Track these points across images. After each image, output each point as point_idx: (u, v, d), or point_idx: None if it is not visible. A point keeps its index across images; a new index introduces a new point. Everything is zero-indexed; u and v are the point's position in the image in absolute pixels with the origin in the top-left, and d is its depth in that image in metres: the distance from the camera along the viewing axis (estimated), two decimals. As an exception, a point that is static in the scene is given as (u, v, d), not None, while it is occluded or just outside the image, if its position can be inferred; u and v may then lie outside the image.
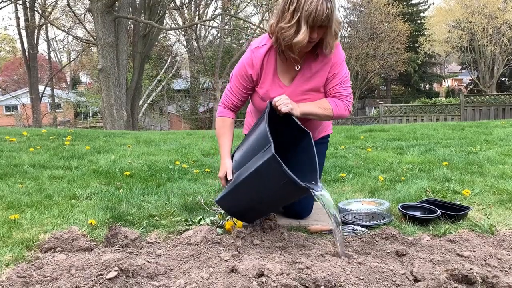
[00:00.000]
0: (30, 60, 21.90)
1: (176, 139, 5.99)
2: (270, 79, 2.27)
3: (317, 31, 2.02)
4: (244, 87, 2.31)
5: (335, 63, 2.25)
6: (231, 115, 2.38)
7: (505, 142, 5.07)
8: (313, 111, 2.22)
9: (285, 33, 2.02)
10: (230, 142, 2.33)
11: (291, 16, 1.98)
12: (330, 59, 2.23)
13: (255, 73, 2.25)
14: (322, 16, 1.94)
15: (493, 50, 25.35)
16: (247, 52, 2.29)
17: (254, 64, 2.24)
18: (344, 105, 2.31)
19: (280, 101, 2.09)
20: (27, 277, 1.71)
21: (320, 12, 1.93)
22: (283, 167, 1.84)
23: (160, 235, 2.29)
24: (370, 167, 3.91)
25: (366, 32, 26.29)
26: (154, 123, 32.27)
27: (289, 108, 2.09)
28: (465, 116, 16.65)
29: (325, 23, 1.99)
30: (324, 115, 2.26)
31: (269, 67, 2.25)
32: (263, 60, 2.23)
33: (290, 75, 2.28)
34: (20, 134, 5.66)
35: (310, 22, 1.96)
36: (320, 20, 1.96)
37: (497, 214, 2.56)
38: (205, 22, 20.17)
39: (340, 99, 2.30)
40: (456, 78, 44.23)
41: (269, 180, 1.96)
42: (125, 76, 12.96)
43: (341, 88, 2.30)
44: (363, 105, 32.76)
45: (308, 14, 1.94)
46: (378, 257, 1.95)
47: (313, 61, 2.24)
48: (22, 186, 3.08)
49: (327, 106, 2.26)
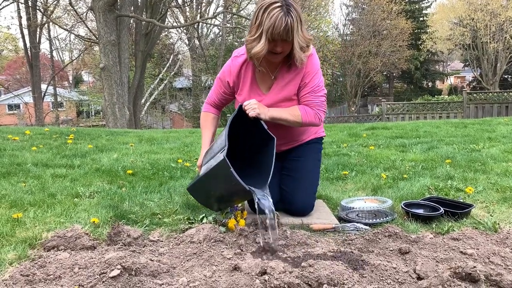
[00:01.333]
0: (32, 59, 21.93)
1: (179, 138, 5.99)
2: (248, 87, 2.44)
3: (280, 45, 2.18)
4: (223, 91, 2.54)
5: (307, 73, 2.38)
6: (214, 111, 2.63)
7: (508, 140, 5.05)
8: (282, 117, 2.34)
9: (249, 44, 2.22)
10: (210, 134, 2.57)
11: (255, 30, 2.17)
12: (302, 69, 2.37)
13: (231, 80, 2.46)
14: (279, 29, 2.09)
15: (496, 47, 25.26)
16: (228, 61, 2.50)
17: (232, 71, 2.44)
18: (314, 113, 2.41)
19: (248, 106, 2.24)
20: (30, 276, 1.72)
21: (278, 26, 2.09)
22: (231, 170, 1.99)
23: (163, 233, 2.29)
24: (372, 165, 3.91)
25: (368, 29, 26.24)
26: (156, 122, 32.31)
27: (256, 113, 2.23)
28: (468, 114, 16.58)
29: (284, 37, 2.13)
30: (293, 121, 2.38)
31: (247, 75, 2.43)
32: (241, 68, 2.43)
33: (267, 84, 2.45)
34: (22, 133, 5.67)
35: (269, 36, 2.13)
36: (278, 34, 2.11)
37: (500, 211, 2.55)
38: (207, 20, 20.13)
39: (311, 107, 2.41)
40: (459, 75, 44.14)
41: (222, 179, 2.14)
42: (127, 75, 12.98)
43: (311, 97, 2.40)
44: (365, 103, 32.71)
45: (267, 28, 2.11)
46: (381, 255, 1.94)
47: (286, 71, 2.40)
48: (25, 185, 3.09)
49: (297, 113, 2.38)
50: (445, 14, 28.30)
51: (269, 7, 2.11)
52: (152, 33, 17.04)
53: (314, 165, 2.65)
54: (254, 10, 2.25)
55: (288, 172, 2.60)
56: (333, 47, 24.10)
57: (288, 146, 2.63)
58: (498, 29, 24.74)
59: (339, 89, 29.97)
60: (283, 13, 2.09)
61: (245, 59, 2.39)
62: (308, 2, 23.81)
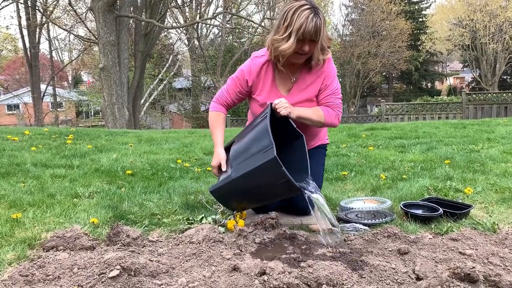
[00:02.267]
0: (31, 59, 21.93)
1: (178, 138, 5.99)
2: (268, 88, 2.49)
3: (308, 44, 2.28)
4: (239, 90, 2.55)
5: (327, 75, 2.49)
6: (224, 110, 2.62)
7: (507, 140, 5.06)
8: (307, 116, 2.41)
9: (277, 43, 2.30)
10: (222, 134, 2.56)
11: (284, 30, 2.27)
12: (323, 72, 2.48)
13: (251, 80, 2.49)
14: (310, 30, 2.22)
15: (495, 48, 25.28)
16: (248, 61, 2.55)
17: (252, 71, 2.49)
18: (335, 114, 2.51)
19: (280, 104, 2.28)
20: (29, 276, 1.72)
21: (308, 26, 2.21)
22: (283, 169, 1.98)
23: (162, 233, 2.29)
24: (372, 165, 3.91)
25: (368, 30, 26.27)
26: (156, 122, 32.29)
27: (287, 111, 2.28)
28: (467, 114, 16.60)
29: (313, 37, 2.25)
30: (317, 120, 2.45)
31: (267, 77, 2.49)
32: (261, 69, 2.48)
33: (287, 86, 2.52)
34: (22, 133, 5.66)
35: (300, 35, 2.23)
36: (308, 34, 2.23)
37: (499, 212, 2.55)
38: (206, 20, 20.15)
39: (332, 108, 2.51)
40: (458, 76, 44.17)
41: (267, 179, 2.11)
42: (127, 75, 12.98)
43: (332, 98, 2.51)
44: (364, 103, 32.73)
45: (298, 27, 2.22)
46: (380, 256, 1.95)
47: (307, 73, 2.49)
48: (24, 185, 3.09)
49: (320, 113, 2.46)
50: (444, 15, 28.32)
51: (299, 9, 2.23)
52: (151, 34, 17.04)
53: (318, 168, 2.67)
54: (282, 12, 2.34)
55: None
56: (332, 47, 24.08)
57: None
58: (497, 30, 24.76)
59: (339, 90, 29.95)
60: (313, 14, 2.22)
61: (266, 60, 2.46)
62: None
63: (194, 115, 28.14)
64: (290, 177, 1.99)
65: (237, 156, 2.26)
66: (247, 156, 2.18)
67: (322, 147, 2.80)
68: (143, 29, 16.51)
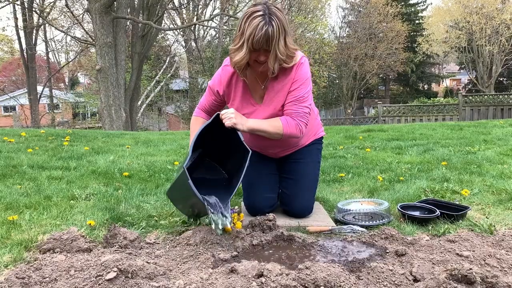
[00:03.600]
0: (28, 61, 21.85)
1: (175, 140, 5.98)
2: (240, 97, 2.40)
3: (263, 54, 2.14)
4: (213, 99, 2.50)
5: (295, 81, 2.32)
6: (204, 116, 2.57)
7: (504, 142, 5.07)
8: (262, 128, 2.28)
9: (232, 54, 2.20)
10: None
11: (238, 39, 2.15)
12: (291, 78, 2.32)
13: (221, 90, 2.42)
14: (260, 39, 2.07)
15: (491, 50, 25.38)
16: (219, 69, 2.45)
17: (222, 81, 2.41)
18: (295, 124, 2.32)
19: (225, 115, 2.18)
20: (26, 278, 1.71)
21: (258, 35, 2.06)
22: (189, 182, 1.97)
23: (159, 235, 2.28)
24: (369, 167, 3.91)
25: (365, 32, 26.31)
26: (153, 124, 32.22)
27: (232, 122, 2.16)
28: (463, 116, 16.67)
29: (265, 46, 2.10)
30: (274, 132, 2.30)
31: (238, 85, 2.39)
32: (231, 78, 2.39)
33: (260, 94, 2.40)
34: (18, 134, 5.64)
35: (250, 45, 2.10)
36: (259, 43, 2.09)
37: (496, 213, 2.56)
38: (203, 22, 20.14)
39: (293, 117, 2.33)
40: (455, 78, 44.27)
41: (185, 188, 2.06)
42: (124, 77, 12.94)
43: (294, 106, 2.33)
44: (361, 105, 32.76)
45: (248, 37, 2.08)
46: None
47: (275, 80, 2.34)
48: (20, 187, 3.08)
49: (278, 124, 2.31)
50: (441, 17, 28.42)
51: (251, 16, 2.10)
52: (148, 35, 17.01)
53: (314, 167, 2.65)
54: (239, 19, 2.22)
55: (288, 175, 2.59)
56: (329, 49, 24.12)
57: (287, 152, 2.60)
58: (494, 32, 24.85)
59: (336, 92, 30.02)
60: (264, 22, 2.06)
61: None
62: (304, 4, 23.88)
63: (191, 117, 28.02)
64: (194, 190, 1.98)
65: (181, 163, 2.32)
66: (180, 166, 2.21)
67: (317, 141, 2.69)
68: (140, 30, 16.48)
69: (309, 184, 2.58)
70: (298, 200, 2.51)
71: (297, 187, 2.53)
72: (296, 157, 2.61)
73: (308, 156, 2.62)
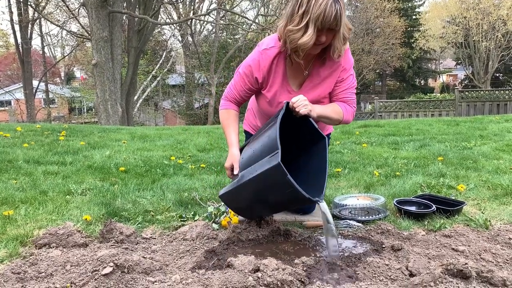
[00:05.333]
0: (23, 55, 21.70)
1: (172, 135, 5.97)
2: (279, 83, 2.21)
3: (325, 34, 1.98)
4: (248, 88, 2.25)
5: (344, 68, 2.21)
6: (235, 107, 2.32)
7: (500, 138, 5.09)
8: (327, 114, 2.16)
9: (293, 35, 1.97)
10: (236, 132, 2.26)
11: (300, 19, 1.94)
12: (339, 65, 2.19)
13: (261, 76, 2.19)
14: (330, 18, 1.90)
15: (487, 45, 25.43)
16: (255, 53, 2.20)
17: (262, 66, 2.17)
18: (352, 111, 2.27)
19: (299, 102, 2.00)
20: (21, 273, 1.71)
21: (328, 14, 1.89)
22: (288, 178, 1.76)
23: (156, 230, 2.28)
24: (365, 162, 3.92)
25: (362, 27, 26.26)
26: (149, 119, 32.14)
27: (307, 110, 2.00)
28: (459, 112, 16.72)
29: (333, 26, 1.94)
30: (336, 118, 2.21)
31: (278, 70, 2.19)
32: (272, 62, 2.17)
33: (299, 81, 2.23)
34: (14, 129, 5.62)
35: (319, 25, 1.92)
36: (328, 23, 1.92)
37: (491, 209, 2.57)
38: (200, 16, 20.05)
39: (349, 104, 2.26)
40: (451, 73, 44.38)
41: (273, 186, 1.89)
42: (120, 71, 12.89)
43: (349, 93, 2.25)
44: (358, 100, 32.75)
45: (317, 16, 1.90)
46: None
47: (321, 66, 2.19)
48: (16, 182, 3.06)
49: (339, 110, 2.21)
50: (438, 13, 28.43)
51: None
52: (145, 30, 16.93)
53: None
54: None
55: None
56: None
57: None
58: (490, 28, 24.89)
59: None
60: (332, 1, 1.91)
61: (277, 52, 2.14)
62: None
63: (187, 112, 28.06)
64: (297, 186, 1.76)
65: (246, 161, 2.06)
66: (256, 160, 1.96)
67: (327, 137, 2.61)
68: (136, 25, 16.40)
69: None
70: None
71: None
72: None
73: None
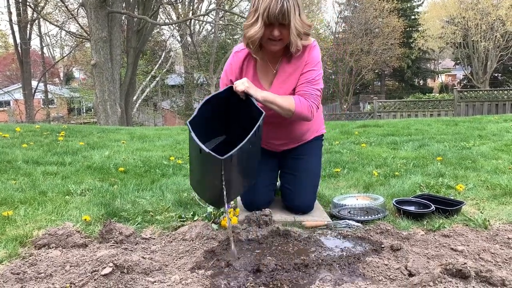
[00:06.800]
0: (22, 56, 21.71)
1: (171, 135, 5.97)
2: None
3: (278, 29, 2.13)
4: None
5: (308, 63, 2.31)
6: None
7: (498, 137, 5.10)
8: (275, 100, 2.20)
9: (246, 29, 2.18)
10: None
11: (252, 15, 2.14)
12: (303, 60, 2.31)
13: (234, 77, 2.38)
14: (275, 12, 2.06)
15: (486, 45, 25.45)
16: (230, 57, 2.44)
17: (234, 69, 2.39)
18: (308, 105, 2.28)
19: (238, 82, 2.13)
20: (21, 274, 1.70)
21: (273, 8, 2.05)
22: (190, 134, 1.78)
23: (155, 231, 2.28)
24: (364, 162, 3.92)
25: (361, 27, 26.28)
26: (148, 119, 32.13)
27: (244, 86, 2.10)
28: (458, 112, 16.73)
29: (281, 20, 2.09)
30: (287, 108, 2.23)
31: (248, 71, 2.38)
32: (242, 64, 2.38)
33: (269, 79, 2.38)
34: (13, 130, 5.61)
35: (265, 19, 2.09)
36: (274, 17, 2.07)
37: (490, 208, 2.58)
38: (199, 17, 20.05)
39: (305, 98, 2.29)
40: (450, 73, 44.42)
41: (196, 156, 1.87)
42: (119, 72, 12.88)
43: (307, 87, 2.30)
44: (357, 100, 32.80)
45: (263, 10, 2.07)
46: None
47: (287, 63, 2.33)
48: (15, 183, 3.06)
49: (291, 100, 2.25)
50: (437, 13, 28.44)
51: None
52: (144, 30, 16.93)
53: (317, 162, 2.63)
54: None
55: (291, 171, 2.57)
56: (325, 45, 24.12)
57: (289, 146, 2.58)
58: (489, 28, 24.90)
59: (331, 87, 30.03)
60: None
61: (247, 53, 2.35)
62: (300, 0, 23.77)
63: (187, 112, 28.05)
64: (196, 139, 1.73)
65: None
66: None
67: (319, 138, 2.68)
68: (135, 25, 16.40)
69: (312, 180, 2.57)
70: (302, 196, 2.50)
71: (301, 183, 2.52)
72: (299, 152, 2.58)
73: (311, 152, 2.60)
